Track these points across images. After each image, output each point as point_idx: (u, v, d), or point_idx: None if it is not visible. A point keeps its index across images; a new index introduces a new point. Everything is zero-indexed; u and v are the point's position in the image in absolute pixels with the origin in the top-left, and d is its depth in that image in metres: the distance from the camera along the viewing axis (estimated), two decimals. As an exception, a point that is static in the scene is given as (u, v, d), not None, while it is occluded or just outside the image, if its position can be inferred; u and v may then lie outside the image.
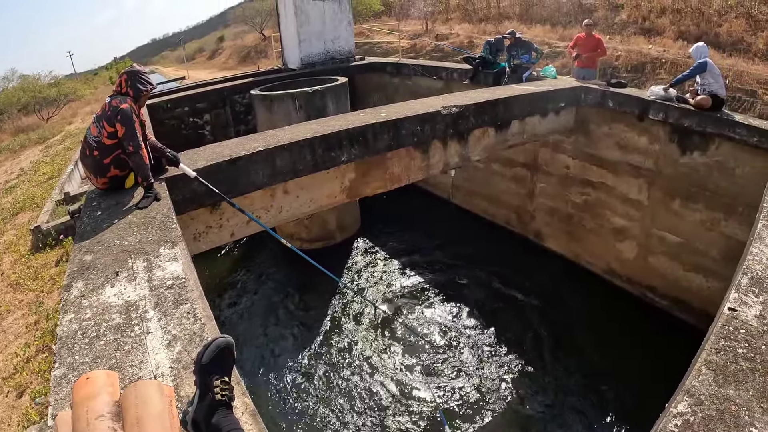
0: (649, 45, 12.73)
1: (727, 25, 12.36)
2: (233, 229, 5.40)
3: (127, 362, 2.17)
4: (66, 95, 30.33)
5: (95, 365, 2.15)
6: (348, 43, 15.21)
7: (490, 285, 9.84)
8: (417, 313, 9.12)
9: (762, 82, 9.77)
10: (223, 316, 9.33)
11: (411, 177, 7.06)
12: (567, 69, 12.25)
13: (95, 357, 2.20)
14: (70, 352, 2.24)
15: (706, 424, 2.06)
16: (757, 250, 3.41)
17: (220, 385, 1.83)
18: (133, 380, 2.04)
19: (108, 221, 3.63)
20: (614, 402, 7.02)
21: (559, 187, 10.17)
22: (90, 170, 4.20)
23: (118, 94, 4.17)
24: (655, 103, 7.95)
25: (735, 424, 2.05)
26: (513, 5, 20.03)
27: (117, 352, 2.23)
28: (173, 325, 2.40)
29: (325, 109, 9.99)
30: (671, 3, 14.28)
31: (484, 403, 7.12)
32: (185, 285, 2.72)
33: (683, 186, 7.98)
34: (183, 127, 11.76)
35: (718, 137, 7.33)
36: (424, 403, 7.16)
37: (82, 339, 2.32)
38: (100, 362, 2.17)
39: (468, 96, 7.73)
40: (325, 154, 5.71)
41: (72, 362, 2.17)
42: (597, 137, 9.09)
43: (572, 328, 8.51)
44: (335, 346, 8.39)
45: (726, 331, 2.61)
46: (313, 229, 11.53)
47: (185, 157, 4.88)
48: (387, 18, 26.43)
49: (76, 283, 2.80)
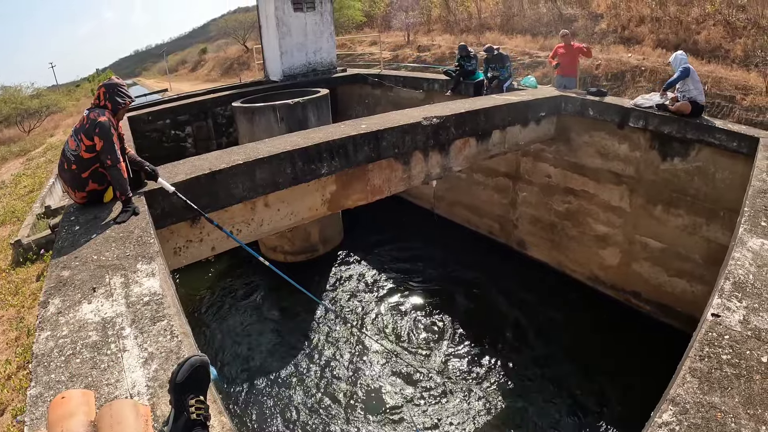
0: (628, 53, 12.87)
1: (706, 32, 12.54)
2: (214, 243, 5.33)
3: (104, 381, 2.13)
4: (48, 107, 29.96)
5: (71, 384, 2.11)
6: (330, 55, 15.25)
7: (473, 294, 9.83)
8: (400, 327, 9.05)
9: (740, 87, 9.91)
10: (203, 330, 9.21)
11: (392, 188, 7.04)
12: (548, 78, 12.35)
13: (71, 375, 2.16)
14: (46, 371, 2.20)
15: (692, 433, 2.04)
16: (739, 255, 3.43)
17: (195, 404, 1.80)
18: (109, 399, 2.01)
19: (86, 236, 3.57)
20: (601, 409, 7.02)
21: (541, 196, 10.22)
22: (68, 184, 4.14)
23: (97, 106, 4.12)
24: (635, 111, 8.04)
25: (721, 431, 2.04)
26: (494, 16, 20.19)
27: (93, 371, 2.19)
28: (150, 343, 2.36)
29: (306, 121, 9.97)
30: (650, 12, 14.47)
31: (467, 414, 7.08)
32: (162, 301, 2.67)
33: (665, 192, 8.05)
34: (164, 139, 11.67)
35: (698, 143, 7.42)
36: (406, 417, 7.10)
37: (58, 357, 2.29)
38: (76, 381, 2.13)
39: (449, 107, 7.75)
40: (305, 167, 5.67)
41: (48, 381, 2.14)
42: (578, 145, 9.15)
43: (558, 335, 8.52)
44: (317, 362, 8.29)
45: (710, 337, 2.60)
46: (296, 241, 11.46)
47: (165, 171, 4.82)
48: (369, 29, 26.52)
49: (53, 300, 2.76)
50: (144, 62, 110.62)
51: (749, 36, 11.72)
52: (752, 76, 10.23)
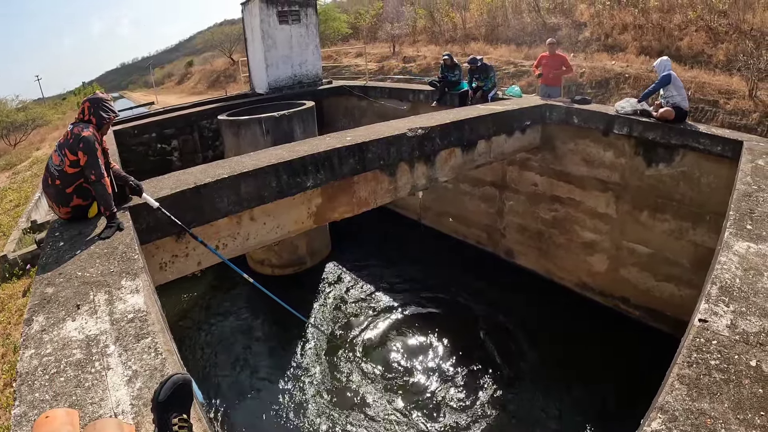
0: (612, 61, 12.99)
1: (688, 38, 12.69)
2: (200, 258, 5.28)
3: (88, 399, 2.11)
4: (34, 120, 29.85)
5: (55, 403, 2.09)
6: (315, 67, 15.27)
7: (462, 304, 9.81)
8: (388, 340, 8.96)
9: (723, 92, 10.03)
10: (188, 347, 9.10)
11: (378, 200, 7.01)
12: (533, 88, 12.43)
13: (55, 394, 2.14)
14: (30, 389, 2.17)
15: (682, 440, 2.03)
16: (725, 259, 3.44)
17: (178, 423, 1.77)
18: (94, 418, 1.99)
19: (70, 252, 3.53)
20: (591, 416, 7.00)
21: (528, 205, 10.26)
22: (52, 199, 4.10)
23: (81, 121, 4.09)
24: (619, 118, 8.10)
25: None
26: (479, 26, 20.32)
27: (77, 389, 2.17)
28: (134, 360, 2.33)
29: (292, 133, 9.96)
30: (633, 19, 14.63)
31: (455, 425, 7.04)
32: (146, 318, 2.65)
33: (650, 197, 8.11)
34: (150, 153, 11.60)
35: (682, 148, 7.49)
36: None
37: (42, 375, 2.26)
38: (61, 399, 2.11)
39: (434, 117, 7.77)
40: (290, 180, 5.64)
41: (32, 400, 2.11)
42: (563, 153, 9.21)
43: (547, 343, 8.51)
44: (305, 379, 8.15)
45: (698, 343, 2.60)
46: (284, 254, 11.40)
47: (149, 185, 4.79)
48: (355, 41, 26.60)
49: (37, 317, 2.73)
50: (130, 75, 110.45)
51: (731, 41, 11.87)
52: (735, 81, 10.35)
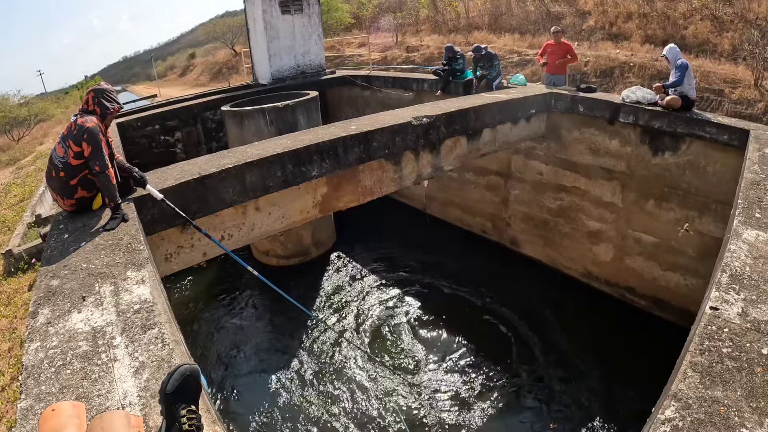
0: (616, 50, 12.90)
1: (693, 27, 12.59)
2: (205, 249, 5.27)
3: (94, 392, 2.09)
4: (36, 115, 29.90)
5: (62, 395, 2.07)
6: (318, 57, 15.18)
7: (467, 294, 9.80)
8: (394, 330, 8.97)
9: (728, 81, 9.96)
10: (196, 337, 9.12)
11: (383, 189, 6.99)
12: (537, 76, 12.35)
13: (62, 387, 2.13)
14: (36, 383, 2.16)
15: (696, 429, 2.01)
16: (735, 247, 3.41)
17: (186, 414, 1.75)
18: (101, 411, 1.98)
19: (75, 244, 3.52)
20: (599, 405, 7.00)
21: (533, 194, 10.21)
22: (57, 192, 4.07)
23: (85, 112, 4.07)
24: (625, 106, 8.04)
25: (725, 426, 2.01)
26: (482, 15, 20.18)
27: (84, 381, 2.15)
28: (141, 352, 2.31)
29: (296, 123, 9.91)
30: (637, 8, 14.50)
31: (461, 415, 7.03)
32: (153, 309, 2.63)
33: (656, 186, 8.05)
34: (154, 145, 11.60)
35: (688, 137, 7.42)
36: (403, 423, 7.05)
37: (48, 368, 2.25)
38: (67, 392, 2.09)
39: (438, 106, 7.72)
40: (295, 170, 5.63)
41: (38, 393, 2.10)
42: (568, 142, 9.15)
43: (553, 332, 8.51)
44: (312, 370, 8.16)
45: (709, 330, 2.58)
46: (289, 245, 11.40)
47: (154, 176, 4.77)
48: (357, 31, 26.48)
49: (42, 310, 2.71)
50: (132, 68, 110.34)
51: (736, 30, 11.77)
52: (740, 70, 10.27)
